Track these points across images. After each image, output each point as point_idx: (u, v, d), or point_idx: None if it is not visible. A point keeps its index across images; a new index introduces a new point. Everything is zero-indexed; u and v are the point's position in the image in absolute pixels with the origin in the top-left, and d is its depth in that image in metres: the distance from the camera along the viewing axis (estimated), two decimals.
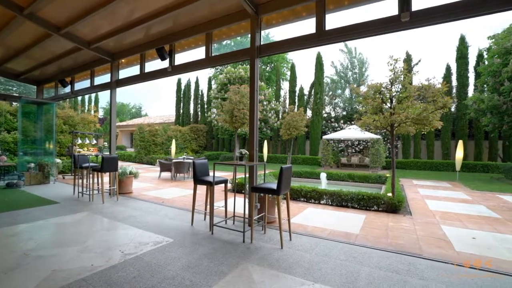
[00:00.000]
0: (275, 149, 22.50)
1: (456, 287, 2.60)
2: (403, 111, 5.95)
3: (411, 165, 16.19)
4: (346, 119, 20.61)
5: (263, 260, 3.15)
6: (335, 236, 4.07)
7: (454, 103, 16.64)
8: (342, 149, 18.78)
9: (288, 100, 22.50)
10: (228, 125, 10.55)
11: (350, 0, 4.11)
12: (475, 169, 14.66)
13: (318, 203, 6.40)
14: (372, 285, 2.63)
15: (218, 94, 20.39)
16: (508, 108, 11.52)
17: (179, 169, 10.20)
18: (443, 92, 5.90)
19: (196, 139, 24.17)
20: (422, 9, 3.46)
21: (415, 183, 10.34)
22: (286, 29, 55.33)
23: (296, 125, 13.13)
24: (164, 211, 5.40)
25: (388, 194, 5.99)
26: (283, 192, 3.59)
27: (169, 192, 7.71)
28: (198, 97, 27.45)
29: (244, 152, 4.10)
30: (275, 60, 29.22)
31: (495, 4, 3.11)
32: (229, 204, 4.90)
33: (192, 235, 3.99)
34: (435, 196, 7.71)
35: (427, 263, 3.14)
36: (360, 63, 25.11)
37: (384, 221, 4.93)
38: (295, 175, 11.27)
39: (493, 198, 7.58)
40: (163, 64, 6.21)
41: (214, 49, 5.60)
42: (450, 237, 4.13)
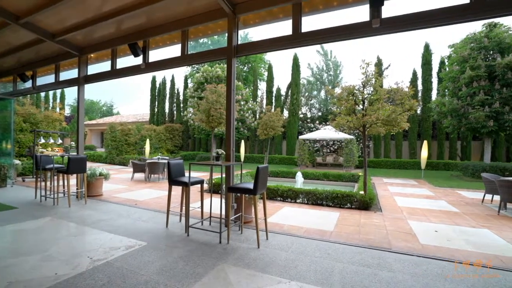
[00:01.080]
0: (252, 149, 22.57)
1: (419, 277, 2.78)
2: (374, 113, 6.24)
3: (382, 164, 17.05)
4: (322, 120, 21.20)
5: (240, 260, 3.14)
6: (311, 234, 4.16)
7: (420, 106, 17.81)
8: (317, 149, 19.28)
9: (265, 100, 22.68)
10: (205, 124, 10.39)
11: (325, 5, 4.23)
12: (438, 167, 15.78)
13: (294, 202, 6.52)
14: (345, 279, 2.72)
15: (194, 93, 20.01)
16: (465, 112, 12.54)
17: (154, 169, 9.87)
18: (409, 96, 6.28)
19: (171, 139, 23.54)
20: (391, 16, 3.65)
21: (385, 181, 10.90)
22: (265, 30, 55.46)
23: (273, 125, 13.27)
24: (137, 213, 5.19)
25: (360, 192, 6.25)
26: (259, 191, 3.61)
27: (142, 193, 7.43)
28: (174, 96, 26.75)
29: (220, 152, 4.06)
30: (252, 60, 29.27)
31: (454, 16, 3.38)
32: (205, 204, 4.83)
33: (167, 237, 3.88)
34: (403, 193, 8.18)
35: (395, 256, 3.32)
36: (335, 66, 25.96)
37: (357, 218, 5.13)
38: (272, 174, 11.38)
39: (452, 193, 8.21)
40: (136, 61, 5.96)
41: (190, 47, 5.49)
42: (416, 231, 4.40)
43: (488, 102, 11.98)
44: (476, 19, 3.42)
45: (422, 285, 2.64)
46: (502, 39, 12.10)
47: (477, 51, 12.61)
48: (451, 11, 3.38)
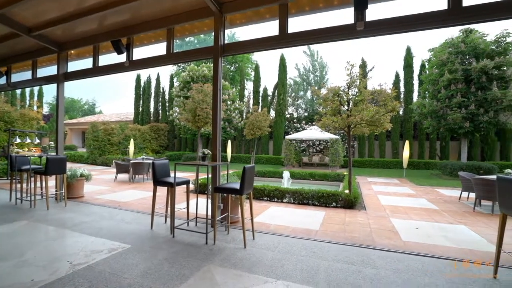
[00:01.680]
0: (239, 149, 22.51)
1: (401, 273, 2.87)
2: (358, 113, 6.39)
3: (366, 163, 17.47)
4: (308, 120, 21.45)
5: (226, 260, 3.12)
6: (297, 233, 4.20)
7: (402, 107, 18.40)
8: (304, 148, 19.50)
9: (252, 100, 22.69)
10: (191, 124, 10.25)
11: (311, 6, 4.28)
12: (419, 166, 16.36)
13: (280, 201, 6.56)
14: (330, 277, 2.77)
15: (180, 92, 19.72)
16: (444, 113, 13.08)
17: (138, 170, 9.63)
18: (392, 97, 6.47)
19: (156, 139, 23.08)
20: (375, 20, 3.74)
21: (369, 180, 11.18)
22: (252, 30, 55.47)
23: (260, 125, 13.29)
24: (120, 215, 5.05)
25: (345, 191, 6.38)
26: (246, 191, 3.60)
27: (126, 194, 7.23)
28: (159, 95, 26.24)
29: (206, 152, 4.02)
30: (239, 60, 29.21)
31: (433, 21, 3.53)
32: (191, 205, 4.77)
33: (151, 239, 3.79)
34: (386, 191, 8.42)
35: (378, 254, 3.41)
36: (321, 67, 26.33)
37: (342, 217, 5.23)
38: (258, 174, 11.40)
39: (432, 192, 8.54)
40: (120, 58, 5.80)
41: (176, 46, 5.40)
42: (398, 228, 4.54)
43: (464, 104, 12.54)
44: (453, 25, 3.58)
45: (403, 280, 2.72)
46: (477, 44, 12.70)
47: (455, 55, 13.17)
48: (431, 16, 3.51)
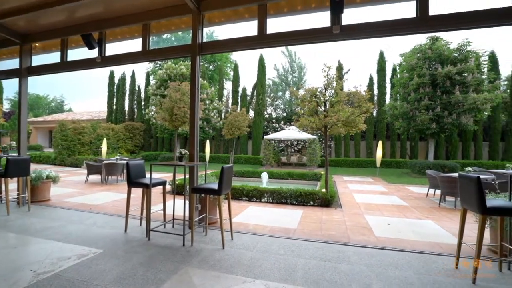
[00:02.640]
0: (218, 149, 22.31)
1: (374, 267, 2.99)
2: (335, 114, 6.58)
3: (342, 163, 18.05)
4: (286, 120, 21.75)
5: (204, 262, 3.08)
6: (275, 232, 4.24)
7: (376, 108, 19.23)
8: (282, 148, 19.74)
9: (231, 100, 22.57)
10: (168, 123, 9.98)
11: (289, 8, 4.34)
12: (391, 165, 17.19)
13: (259, 201, 6.58)
14: (307, 274, 2.82)
15: (157, 90, 19.13)
16: (413, 115, 13.86)
17: (111, 171, 9.21)
18: (366, 99, 6.74)
19: (131, 138, 22.22)
20: (350, 24, 3.87)
21: (345, 179, 11.56)
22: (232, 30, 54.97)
23: (239, 125, 13.26)
24: (92, 219, 4.79)
25: (322, 190, 6.54)
26: (224, 192, 3.58)
27: (98, 197, 6.89)
28: (134, 93, 25.27)
29: (184, 152, 3.94)
30: (218, 59, 28.93)
31: (403, 28, 3.73)
32: (168, 206, 4.64)
33: (125, 243, 3.64)
34: (360, 190, 8.75)
35: (353, 250, 3.53)
36: (299, 68, 26.83)
37: (319, 215, 5.36)
38: (237, 174, 11.36)
39: (403, 189, 9.02)
40: (91, 54, 5.50)
41: (153, 43, 5.26)
42: (372, 225, 4.74)
43: (431, 107, 13.37)
44: (421, 32, 3.82)
45: (376, 274, 2.84)
46: (442, 51, 13.60)
47: (423, 60, 14.00)
48: (401, 23, 3.71)
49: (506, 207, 2.70)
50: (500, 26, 3.50)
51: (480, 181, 2.69)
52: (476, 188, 2.69)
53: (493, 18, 3.42)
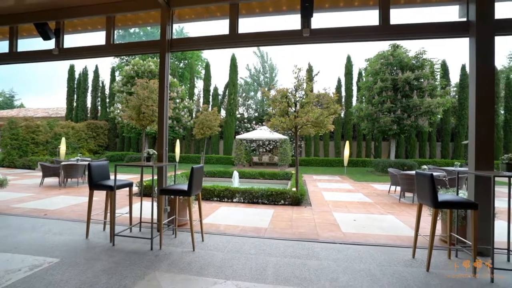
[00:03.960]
0: (188, 149, 21.80)
1: (341, 262, 3.13)
2: (305, 115, 6.76)
3: (312, 162, 18.63)
4: (258, 120, 21.91)
5: (174, 265, 2.98)
6: (247, 232, 4.24)
7: (343, 110, 20.14)
8: (254, 148, 19.84)
9: (202, 99, 22.20)
10: (135, 122, 9.49)
11: (261, 9, 4.38)
12: (357, 164, 18.13)
13: (231, 201, 6.55)
14: (278, 272, 2.86)
15: (123, 87, 18.15)
16: (377, 116, 14.76)
17: (71, 173, 8.54)
18: (334, 100, 7.02)
19: (95, 138, 20.83)
20: (319, 28, 4.01)
21: (315, 178, 11.95)
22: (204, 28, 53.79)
23: (210, 124, 13.07)
24: (47, 225, 4.40)
25: (293, 189, 6.68)
26: (194, 192, 3.50)
27: (55, 201, 6.35)
28: (97, 89, 23.71)
29: (152, 152, 3.78)
30: (189, 57, 28.26)
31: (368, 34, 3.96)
32: (135, 209, 4.42)
33: (86, 250, 3.40)
34: (329, 188, 9.11)
35: (322, 246, 3.66)
36: (271, 68, 27.16)
37: (289, 214, 5.47)
38: (208, 175, 11.20)
39: (368, 187, 9.55)
40: (48, 45, 5.04)
41: (119, 36, 4.97)
42: (339, 221, 4.95)
43: (393, 109, 14.35)
44: (383, 39, 4.09)
45: (342, 268, 2.97)
46: (402, 58, 14.66)
47: (385, 66, 14.97)
48: (366, 30, 3.93)
49: (455, 201, 2.99)
50: (449, 38, 3.87)
51: (433, 178, 2.94)
52: (429, 185, 2.93)
53: (442, 31, 3.78)
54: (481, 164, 3.41)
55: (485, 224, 3.11)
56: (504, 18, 3.50)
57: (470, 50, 3.59)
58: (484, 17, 3.47)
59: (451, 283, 2.67)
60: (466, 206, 2.99)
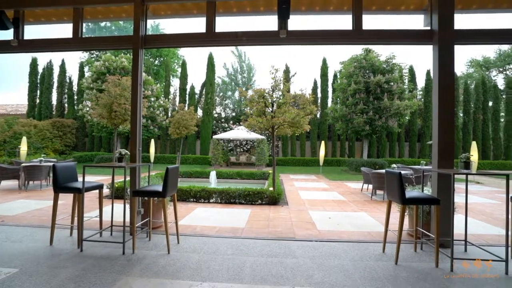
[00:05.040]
0: (164, 149, 21.20)
1: (316, 259, 3.21)
2: (281, 115, 6.85)
3: (289, 162, 18.93)
4: (235, 120, 21.84)
5: (147, 269, 2.87)
6: (223, 232, 4.21)
7: (319, 111, 20.69)
8: (231, 148, 19.76)
9: (178, 98, 21.70)
10: (106, 121, 9.05)
11: (238, 8, 4.36)
12: (332, 164, 18.72)
13: (207, 202, 6.47)
14: (255, 272, 2.87)
15: (93, 84, 17.21)
16: (351, 117, 15.35)
17: (33, 175, 7.92)
18: (310, 101, 7.19)
19: (61, 137, 19.53)
20: (296, 30, 4.08)
21: (292, 177, 12.15)
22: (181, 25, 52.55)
23: (186, 124, 12.82)
24: (4, 233, 4.04)
25: (270, 189, 6.74)
26: (169, 193, 3.40)
27: (14, 206, 5.86)
28: (64, 85, 22.26)
29: (124, 152, 3.62)
30: (165, 55, 27.48)
31: (341, 38, 4.11)
32: (106, 212, 4.20)
33: (51, 257, 3.17)
34: (305, 187, 9.30)
35: (298, 244, 3.73)
36: (249, 68, 27.18)
37: (267, 213, 5.51)
38: (185, 175, 10.98)
39: (342, 185, 9.90)
40: (5, 35, 4.63)
41: (88, 30, 4.70)
42: (315, 219, 5.07)
43: (365, 111, 15.01)
44: (356, 43, 4.27)
45: (318, 265, 3.05)
46: (373, 62, 15.39)
47: (359, 69, 15.62)
48: (341, 33, 4.06)
49: (420, 198, 3.19)
50: (415, 44, 4.13)
51: (401, 176, 3.11)
52: (398, 183, 3.10)
53: (410, 38, 4.04)
54: (443, 163, 3.67)
55: (446, 218, 3.35)
56: (462, 29, 3.80)
57: (434, 57, 3.85)
58: (445, 27, 3.73)
59: (417, 274, 2.85)
60: (429, 202, 3.20)
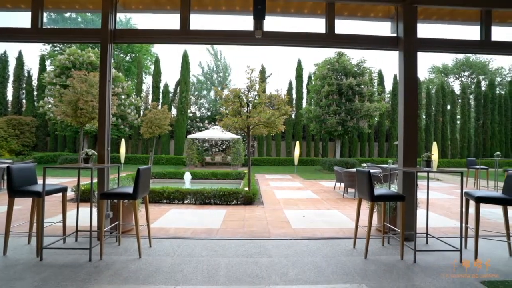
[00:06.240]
0: (135, 149, 20.36)
1: (291, 257, 3.26)
2: (257, 115, 6.88)
3: (265, 161, 19.08)
4: (211, 120, 21.57)
5: (117, 276, 2.73)
6: (198, 234, 4.13)
7: (294, 111, 21.10)
8: (206, 148, 19.48)
9: (151, 96, 20.96)
10: (71, 119, 8.47)
11: (213, 6, 4.30)
12: (307, 163, 19.18)
13: (181, 203, 6.31)
14: (230, 272, 2.85)
15: (56, 79, 16.04)
16: (324, 118, 15.85)
17: None
18: (285, 102, 7.30)
19: (18, 136, 17.96)
20: (272, 31, 4.12)
21: (267, 177, 12.26)
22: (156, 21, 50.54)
23: (159, 123, 12.42)
24: None
25: (245, 189, 6.74)
26: (141, 195, 3.27)
27: None
28: (22, 80, 20.50)
29: (91, 152, 3.41)
30: (137, 51, 26.38)
31: (316, 41, 4.22)
32: (71, 217, 3.94)
33: (4, 269, 2.89)
34: (281, 186, 9.43)
35: (273, 243, 3.76)
36: (224, 68, 26.98)
37: (242, 213, 5.50)
38: (158, 176, 10.63)
39: (316, 184, 10.18)
40: None
41: (50, 20, 4.35)
42: (289, 218, 5.16)
43: (338, 112, 15.58)
44: (329, 46, 4.40)
45: (292, 263, 3.10)
46: (346, 65, 16.01)
47: (332, 71, 16.17)
48: (315, 36, 4.18)
49: (387, 195, 3.37)
50: (384, 50, 4.37)
51: (370, 174, 3.26)
52: (367, 181, 3.25)
53: (379, 43, 4.25)
54: (408, 162, 3.91)
55: (410, 213, 3.58)
56: (425, 37, 4.09)
57: (399, 62, 4.10)
58: (409, 35, 3.99)
59: (384, 266, 3.01)
60: (395, 198, 3.40)
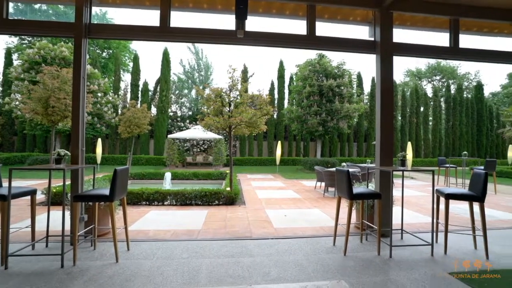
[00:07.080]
0: (113, 149, 19.61)
1: (272, 256, 3.28)
2: (239, 115, 6.86)
3: (247, 161, 19.07)
4: (192, 119, 21.24)
5: (92, 282, 2.61)
6: (179, 235, 4.05)
7: (276, 111, 21.26)
8: (188, 148, 19.15)
9: (130, 95, 20.28)
10: (41, 118, 7.97)
11: (194, 4, 4.23)
12: (288, 163, 19.39)
13: (161, 204, 6.16)
14: (211, 274, 2.81)
15: (24, 74, 15.07)
16: (306, 118, 16.11)
17: None
18: (267, 102, 7.34)
19: None
20: (254, 31, 4.12)
21: (249, 177, 12.26)
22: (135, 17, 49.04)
23: (138, 122, 12.04)
24: None
25: (227, 189, 6.70)
26: (118, 197, 3.15)
27: None
28: None
29: (63, 153, 3.23)
30: (114, 47, 25.41)
31: (297, 42, 4.27)
32: (41, 221, 3.71)
33: None
34: (262, 186, 9.46)
35: (255, 243, 3.77)
36: (206, 67, 26.67)
37: (224, 213, 5.46)
38: (137, 177, 10.30)
39: (297, 183, 10.31)
40: None
41: (17, 11, 4.07)
42: (271, 218, 5.19)
43: (319, 112, 15.89)
44: (309, 48, 4.49)
45: (274, 262, 3.12)
46: (326, 67, 16.37)
47: (313, 73, 16.47)
48: (296, 38, 4.23)
49: (365, 193, 3.49)
50: (362, 53, 4.52)
51: (349, 174, 3.36)
52: (346, 180, 3.34)
53: (357, 46, 4.39)
54: (384, 161, 4.07)
55: (387, 211, 3.72)
56: (400, 42, 4.28)
57: (376, 65, 4.25)
58: (385, 39, 4.15)
59: (362, 262, 3.11)
60: (373, 196, 3.52)
